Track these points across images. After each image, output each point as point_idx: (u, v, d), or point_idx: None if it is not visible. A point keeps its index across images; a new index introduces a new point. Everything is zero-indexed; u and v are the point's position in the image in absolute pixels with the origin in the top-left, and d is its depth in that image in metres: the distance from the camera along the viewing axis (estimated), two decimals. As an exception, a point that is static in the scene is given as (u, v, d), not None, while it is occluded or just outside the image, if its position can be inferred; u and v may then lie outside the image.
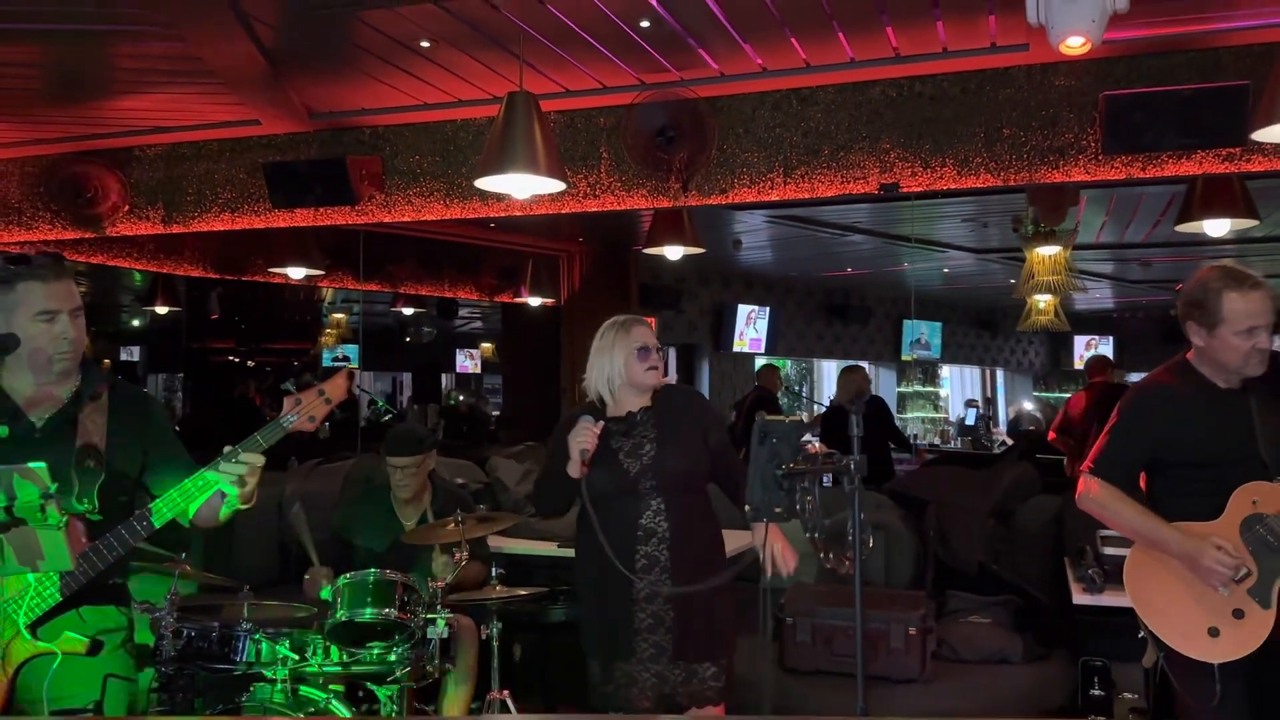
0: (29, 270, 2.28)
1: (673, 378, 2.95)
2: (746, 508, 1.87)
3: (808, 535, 1.81)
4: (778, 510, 1.79)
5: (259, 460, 2.27)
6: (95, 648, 2.21)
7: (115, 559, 2.24)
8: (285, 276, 7.62)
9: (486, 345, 15.45)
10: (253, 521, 4.65)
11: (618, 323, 3.09)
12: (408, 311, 10.62)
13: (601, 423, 2.96)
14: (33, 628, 2.19)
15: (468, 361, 15.88)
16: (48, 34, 4.20)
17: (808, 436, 1.88)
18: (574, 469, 2.88)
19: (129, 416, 2.41)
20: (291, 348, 12.15)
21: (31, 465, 1.86)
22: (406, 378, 14.65)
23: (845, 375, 8.27)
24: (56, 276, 2.30)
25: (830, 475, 1.84)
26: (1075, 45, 2.79)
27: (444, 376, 14.93)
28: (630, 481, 2.95)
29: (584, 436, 2.86)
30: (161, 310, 9.22)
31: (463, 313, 11.79)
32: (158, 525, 2.26)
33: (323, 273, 7.63)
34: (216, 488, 2.28)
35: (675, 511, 2.94)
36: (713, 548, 3.07)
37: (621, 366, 3.01)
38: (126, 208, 5.70)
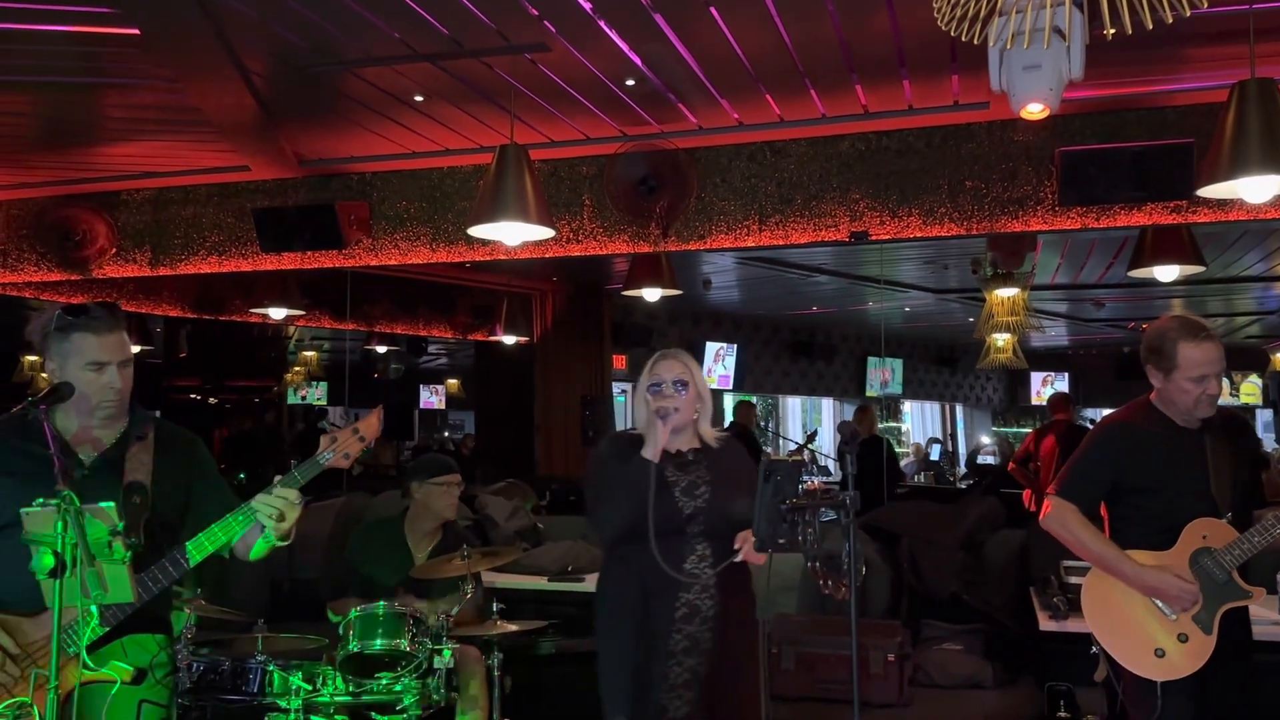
0: (84, 321, 2.40)
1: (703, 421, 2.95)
2: (752, 539, 2.04)
3: (808, 564, 1.99)
4: (781, 541, 1.97)
5: (293, 496, 2.33)
6: (139, 677, 2.30)
7: (158, 592, 2.35)
8: (265, 316, 7.68)
9: (452, 381, 15.50)
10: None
11: (653, 355, 3.00)
12: (380, 349, 10.70)
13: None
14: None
15: (433, 397, 15.92)
16: (41, 85, 4.31)
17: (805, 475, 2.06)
18: (652, 446, 2.80)
19: (173, 455, 2.52)
20: (255, 385, 12.08)
21: (102, 505, 2.00)
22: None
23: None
24: (109, 329, 2.42)
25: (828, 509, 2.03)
26: (1035, 111, 3.01)
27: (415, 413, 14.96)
28: (683, 521, 2.80)
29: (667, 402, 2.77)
30: (134, 350, 9.21)
31: (430, 349, 11.87)
32: (196, 562, 2.36)
33: (302, 312, 7.70)
34: (253, 523, 2.36)
35: (721, 561, 2.77)
36: (751, 606, 2.93)
37: (642, 400, 2.92)
38: (114, 250, 5.76)
